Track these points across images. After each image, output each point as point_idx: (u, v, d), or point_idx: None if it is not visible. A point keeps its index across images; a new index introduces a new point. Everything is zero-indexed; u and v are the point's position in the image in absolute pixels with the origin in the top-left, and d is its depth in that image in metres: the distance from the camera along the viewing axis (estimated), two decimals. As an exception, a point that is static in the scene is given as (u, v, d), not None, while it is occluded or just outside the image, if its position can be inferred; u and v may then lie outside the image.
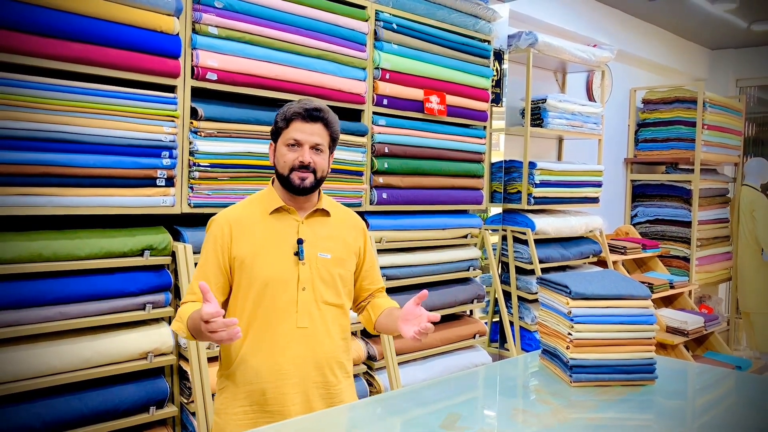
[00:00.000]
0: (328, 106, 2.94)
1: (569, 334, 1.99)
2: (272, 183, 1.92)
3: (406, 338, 1.78)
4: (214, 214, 2.64)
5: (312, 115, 1.83)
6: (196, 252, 2.57)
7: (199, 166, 2.55)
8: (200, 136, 2.56)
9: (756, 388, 2.16)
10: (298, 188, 1.82)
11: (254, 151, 2.70)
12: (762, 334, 5.98)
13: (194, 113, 2.56)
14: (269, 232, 1.83)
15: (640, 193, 6.08)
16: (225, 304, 1.87)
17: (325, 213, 1.92)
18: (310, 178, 1.82)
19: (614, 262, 4.92)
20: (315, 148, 1.83)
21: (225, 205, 2.62)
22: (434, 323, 1.78)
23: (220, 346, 1.92)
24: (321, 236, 1.88)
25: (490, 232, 4.26)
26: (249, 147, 2.69)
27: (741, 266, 6.10)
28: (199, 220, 2.69)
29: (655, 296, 4.98)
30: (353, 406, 1.87)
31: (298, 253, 1.82)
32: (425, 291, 1.81)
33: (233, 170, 2.65)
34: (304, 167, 1.81)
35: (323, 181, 1.88)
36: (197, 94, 2.60)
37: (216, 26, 2.58)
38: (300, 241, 1.83)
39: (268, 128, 2.75)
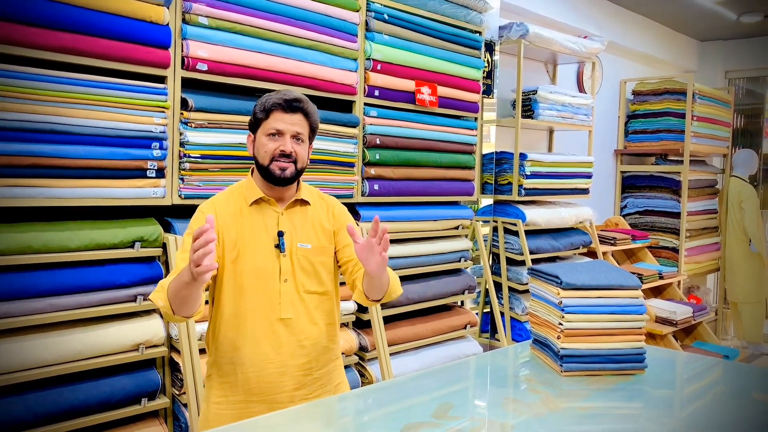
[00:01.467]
0: (320, 96, 2.99)
1: (560, 324, 2.00)
2: (251, 174, 1.91)
3: (376, 269, 1.71)
4: (205, 205, 2.67)
5: (292, 106, 1.82)
6: (187, 243, 2.57)
7: (189, 157, 2.54)
8: (191, 127, 2.55)
9: (743, 377, 2.18)
10: (278, 178, 1.81)
11: (245, 142, 2.69)
12: (749, 324, 6.05)
13: (184, 104, 2.55)
14: (251, 224, 1.83)
15: (629, 185, 6.11)
16: (211, 290, 1.87)
17: (304, 203, 1.92)
18: (290, 168, 1.82)
19: (604, 253, 4.95)
20: (296, 137, 1.83)
21: (216, 197, 2.63)
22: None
23: (205, 337, 1.92)
24: (300, 226, 1.88)
25: (481, 223, 4.27)
26: (240, 138, 2.68)
27: (729, 257, 6.16)
28: (190, 212, 2.67)
29: (644, 287, 5.02)
30: (344, 396, 1.88)
31: (279, 246, 1.82)
32: (350, 225, 1.73)
33: (224, 161, 2.64)
34: (285, 156, 1.81)
35: (303, 172, 1.88)
36: (187, 84, 2.59)
37: (206, 16, 2.56)
38: (280, 234, 1.84)
39: (259, 119, 2.74)
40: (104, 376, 2.36)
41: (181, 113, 2.54)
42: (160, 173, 2.47)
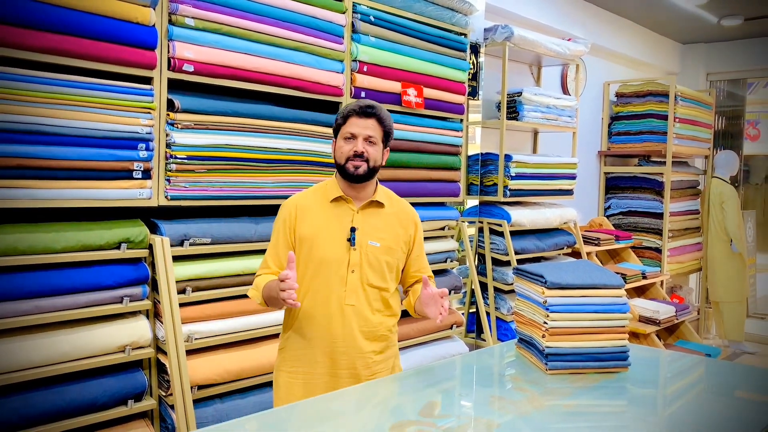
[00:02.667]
0: (307, 98, 2.99)
1: (545, 323, 2.02)
2: (335, 175, 2.13)
3: (432, 316, 1.98)
4: (191, 207, 2.66)
5: (366, 112, 2.03)
6: (174, 245, 2.57)
7: (176, 158, 2.54)
8: (177, 128, 2.54)
9: (725, 375, 2.22)
10: (352, 175, 2.01)
11: (232, 143, 2.69)
12: (730, 322, 6.12)
13: (171, 105, 2.55)
14: (328, 218, 2.05)
15: (613, 185, 6.17)
16: None
17: (379, 204, 2.10)
18: (363, 167, 2.01)
19: (588, 253, 4.99)
20: (368, 140, 2.03)
21: (203, 198, 2.63)
22: (407, 313, 2.01)
23: (284, 315, 2.16)
24: (373, 226, 2.07)
25: (467, 224, 4.29)
26: (227, 139, 2.68)
27: (711, 257, 6.22)
28: (177, 213, 2.67)
29: (627, 286, 5.06)
30: (333, 396, 1.88)
31: (351, 240, 2.02)
32: (425, 277, 2.03)
33: (211, 162, 2.64)
34: (358, 156, 2.00)
35: (377, 171, 2.06)
36: (174, 85, 2.59)
37: (193, 17, 2.56)
38: (353, 230, 2.03)
39: (246, 120, 2.74)
40: (90, 378, 2.35)
41: (168, 114, 2.54)
42: (147, 174, 2.46)
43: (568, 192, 4.85)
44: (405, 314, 3.50)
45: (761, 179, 8.90)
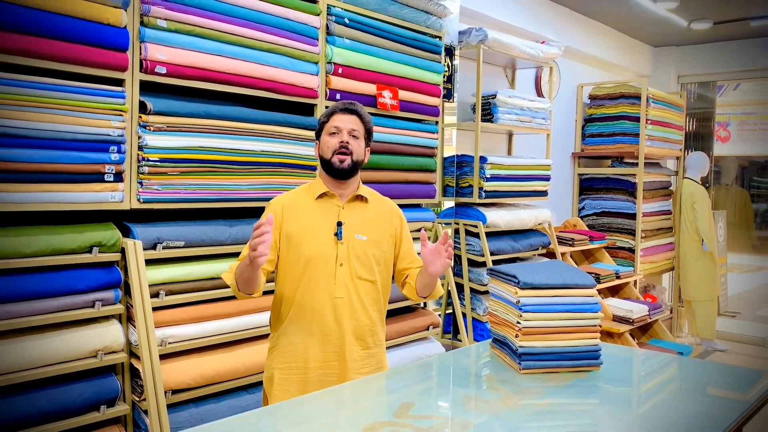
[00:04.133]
0: (281, 100, 2.98)
1: (518, 322, 2.03)
2: (318, 175, 2.21)
3: (440, 270, 2.04)
4: (164, 210, 2.64)
5: (348, 109, 2.15)
6: (147, 248, 2.54)
7: (148, 160, 2.51)
8: (149, 130, 2.52)
9: (697, 373, 2.25)
10: (338, 169, 2.09)
11: (205, 145, 2.67)
12: (702, 321, 6.21)
13: (143, 107, 2.52)
14: (314, 215, 2.12)
15: (587, 187, 6.23)
16: (270, 275, 2.15)
17: (363, 199, 2.18)
18: (347, 160, 2.09)
19: (563, 254, 5.03)
20: (352, 133, 2.12)
21: (176, 201, 2.61)
22: None
23: (270, 316, 2.20)
24: (359, 220, 2.14)
25: (443, 225, 4.30)
26: (200, 141, 2.66)
27: (683, 256, 6.32)
28: (149, 216, 2.65)
29: (601, 286, 5.12)
30: (308, 398, 1.88)
31: (338, 234, 2.08)
32: (423, 232, 2.10)
33: (184, 165, 2.62)
34: (343, 148, 2.09)
35: (360, 166, 2.15)
36: (146, 87, 2.56)
37: (165, 19, 2.54)
38: (339, 224, 2.10)
39: (219, 122, 2.73)
40: (62, 384, 2.31)
41: (140, 116, 2.51)
42: (118, 177, 2.43)
43: (543, 193, 4.89)
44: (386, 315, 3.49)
45: (731, 180, 9.06)
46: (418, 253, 2.22)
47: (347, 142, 2.10)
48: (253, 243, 1.84)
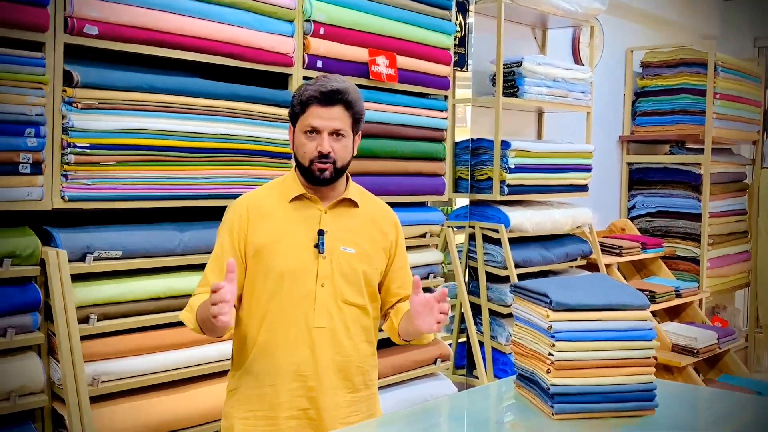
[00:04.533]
0: (246, 69, 2.98)
1: (550, 354, 2.03)
2: (294, 168, 2.17)
3: (427, 330, 2.01)
4: (96, 210, 2.63)
5: (330, 98, 2.04)
6: (74, 260, 2.53)
7: (75, 147, 2.51)
8: (77, 108, 2.51)
9: (777, 417, 2.25)
10: (318, 179, 2.07)
11: (149, 127, 2.67)
12: (787, 351, 6.22)
13: (69, 78, 2.51)
14: (289, 221, 2.10)
15: (638, 179, 6.23)
16: (239, 299, 2.10)
17: (352, 203, 2.16)
18: (329, 169, 2.05)
19: (607, 266, 5.03)
20: (334, 134, 2.06)
21: (111, 198, 2.61)
22: (378, 345, 2.05)
23: (232, 348, 2.18)
24: (345, 228, 2.12)
25: (455, 229, 4.30)
26: (142, 122, 2.66)
27: (762, 269, 6.30)
28: (76, 219, 2.64)
29: (657, 307, 5.11)
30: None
31: (318, 246, 2.05)
32: (417, 278, 2.02)
33: (121, 152, 2.62)
34: (323, 157, 2.04)
35: (345, 170, 2.12)
36: (73, 53, 2.55)
37: (96, -35, 2.54)
38: (321, 233, 2.07)
39: (166, 98, 2.73)
40: (-36, 435, 2.31)
41: (64, 90, 2.50)
42: (37, 168, 2.43)
43: (582, 188, 4.89)
44: (379, 345, 3.50)
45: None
46: (425, 277, 2.22)
47: (329, 152, 2.04)
48: (213, 310, 1.81)
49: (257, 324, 2.07)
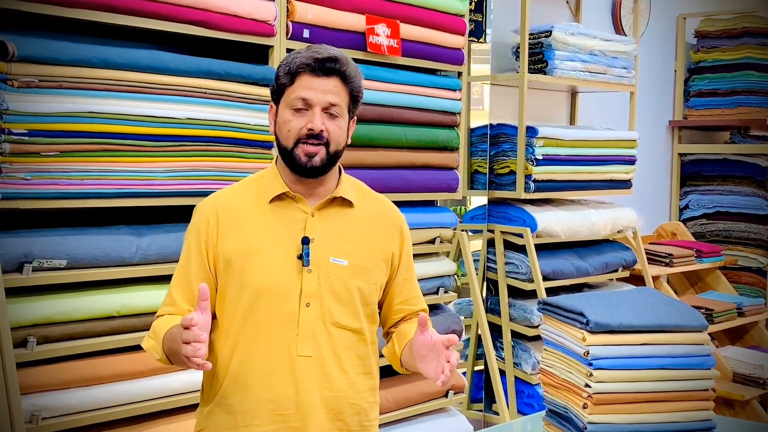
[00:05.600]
0: (220, 39, 2.98)
1: (587, 385, 2.03)
2: (275, 161, 2.14)
3: (431, 376, 1.97)
4: (35, 210, 2.62)
5: (325, 67, 2.01)
6: (8, 270, 2.52)
7: (11, 133, 2.50)
8: (12, 86, 2.50)
9: None
10: (304, 167, 2.02)
11: (100, 110, 2.67)
12: None
13: (3, 50, 2.51)
14: (267, 226, 2.06)
15: (693, 173, 6.23)
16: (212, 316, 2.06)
17: (345, 203, 2.12)
18: (320, 153, 2.01)
19: (655, 278, 5.03)
20: (328, 110, 2.02)
21: (53, 196, 2.60)
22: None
23: (202, 378, 2.14)
24: (336, 234, 2.08)
25: (470, 234, 4.30)
26: (92, 103, 2.65)
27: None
28: (11, 222, 2.64)
29: (714, 328, 5.11)
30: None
31: (302, 257, 2.02)
32: (423, 315, 2.00)
33: (67, 141, 2.61)
34: (313, 137, 2.00)
35: (339, 157, 2.08)
36: (6, 19, 2.55)
37: None
38: (306, 241, 2.03)
39: (121, 74, 2.72)
40: None
41: (-3, 65, 2.51)
42: (-36, 160, 2.43)
43: (625, 184, 4.89)
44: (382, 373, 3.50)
45: None
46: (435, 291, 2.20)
47: (321, 129, 2.00)
48: (186, 351, 1.79)
49: (229, 350, 2.03)
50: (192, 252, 2.07)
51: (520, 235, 4.28)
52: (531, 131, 4.33)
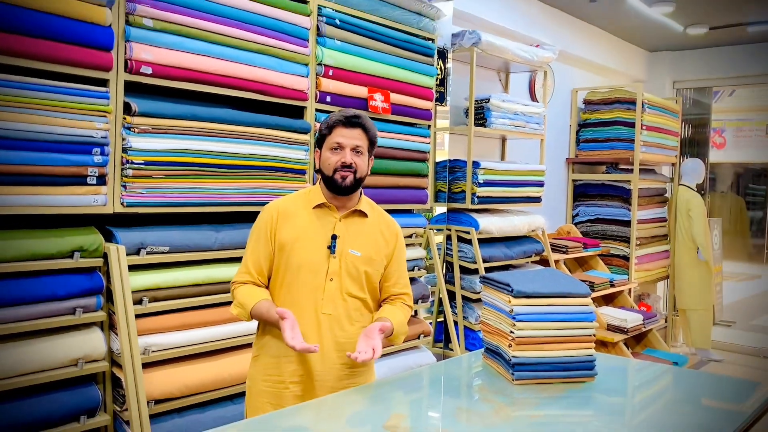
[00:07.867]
0: (270, 102, 2.97)
1: (511, 332, 2.03)
2: (318, 183, 2.15)
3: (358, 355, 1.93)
4: (148, 214, 2.62)
5: (352, 122, 2.07)
6: (130, 253, 2.52)
7: (132, 163, 2.50)
8: (134, 132, 2.50)
9: (692, 383, 2.26)
10: (340, 187, 2.06)
11: (191, 147, 2.66)
12: (697, 330, 6.24)
13: (128, 108, 2.51)
14: (309, 224, 2.08)
15: (581, 193, 6.24)
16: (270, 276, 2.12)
17: (362, 214, 2.14)
18: (350, 177, 2.05)
19: (556, 261, 5.04)
20: (355, 150, 2.07)
21: (160, 205, 2.60)
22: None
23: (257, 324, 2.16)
24: (355, 235, 2.10)
25: (435, 231, 4.30)
26: (186, 144, 2.64)
27: (678, 264, 6.34)
28: (133, 221, 2.63)
29: (595, 294, 5.13)
30: (295, 409, 1.86)
31: (331, 248, 2.05)
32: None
33: (169, 168, 2.60)
34: (346, 167, 2.04)
35: (363, 181, 2.11)
36: (131, 88, 2.55)
37: (151, 18, 2.52)
38: (334, 237, 2.07)
39: (206, 124, 2.72)
40: (41, 393, 2.29)
41: (124, 118, 2.50)
42: (101, 180, 2.41)
43: (537, 199, 4.89)
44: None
45: (727, 187, 9.12)
46: (411, 269, 2.19)
47: (351, 162, 2.05)
48: (296, 346, 1.87)
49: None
50: (261, 237, 2.09)
51: (468, 233, 4.28)
52: (475, 164, 4.34)
